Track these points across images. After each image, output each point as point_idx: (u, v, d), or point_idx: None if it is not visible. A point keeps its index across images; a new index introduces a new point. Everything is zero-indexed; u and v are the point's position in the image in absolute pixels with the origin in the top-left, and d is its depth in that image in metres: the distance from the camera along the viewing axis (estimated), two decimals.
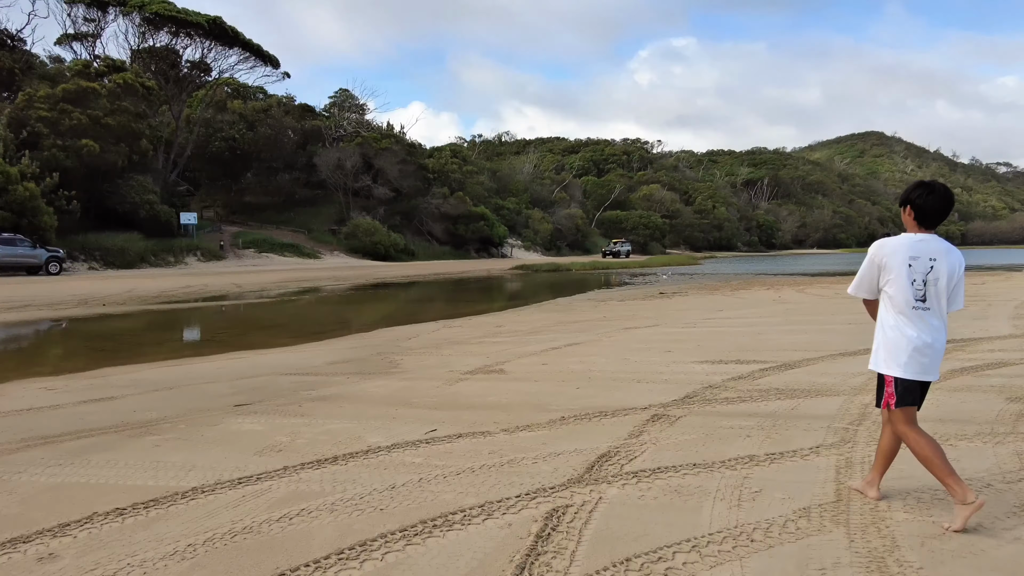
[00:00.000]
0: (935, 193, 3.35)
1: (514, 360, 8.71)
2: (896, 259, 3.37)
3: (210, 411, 6.37)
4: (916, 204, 3.37)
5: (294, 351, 11.11)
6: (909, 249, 3.36)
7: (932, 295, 3.34)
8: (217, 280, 30.31)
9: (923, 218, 3.36)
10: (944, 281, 3.32)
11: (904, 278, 3.34)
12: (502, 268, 47.69)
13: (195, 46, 52.52)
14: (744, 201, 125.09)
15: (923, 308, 3.33)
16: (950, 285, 3.35)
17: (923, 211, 3.35)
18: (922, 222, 3.37)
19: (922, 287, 3.33)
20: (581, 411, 5.91)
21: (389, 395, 6.88)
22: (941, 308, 3.35)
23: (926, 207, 3.34)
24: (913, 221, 3.40)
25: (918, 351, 3.33)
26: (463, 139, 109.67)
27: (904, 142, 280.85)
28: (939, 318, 3.36)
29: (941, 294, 3.33)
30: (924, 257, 3.33)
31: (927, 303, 3.33)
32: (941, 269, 3.31)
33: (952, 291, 3.37)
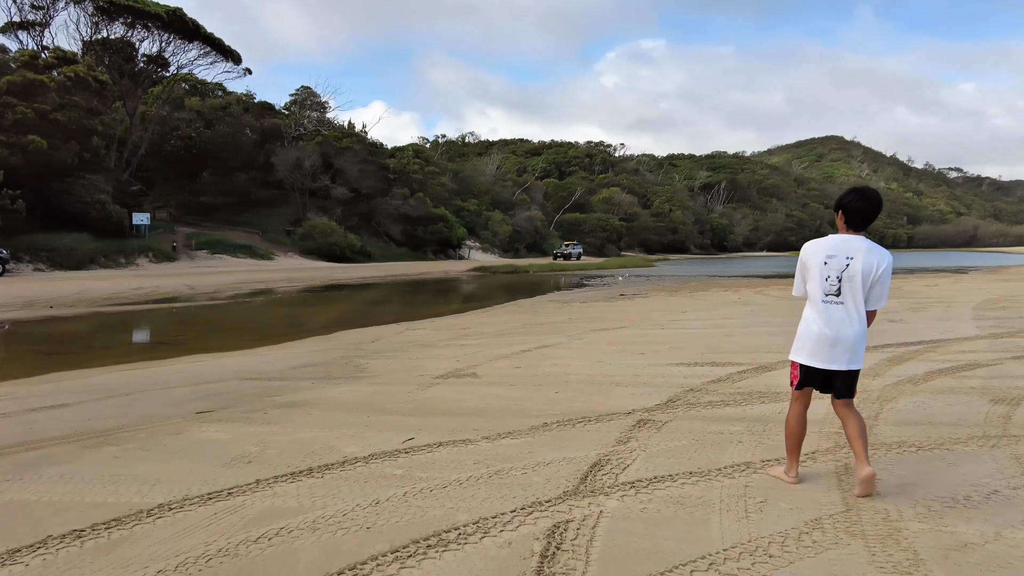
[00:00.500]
0: (864, 198, 3.63)
1: (486, 363, 8.47)
2: (815, 258, 3.69)
3: (171, 419, 5.99)
4: (847, 208, 3.64)
5: (254, 354, 10.69)
6: (828, 248, 3.66)
7: (847, 290, 3.59)
8: (169, 281, 29.36)
9: (852, 221, 3.64)
10: (859, 279, 3.56)
11: (819, 274, 3.64)
12: (460, 270, 47.36)
13: (152, 39, 50.77)
14: (700, 204, 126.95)
15: (836, 302, 3.60)
16: (866, 282, 3.57)
17: (852, 214, 3.63)
18: (851, 224, 3.65)
19: (836, 283, 3.60)
20: (563, 416, 5.71)
21: (360, 401, 6.57)
22: (857, 303, 3.59)
23: (854, 210, 3.62)
24: (844, 224, 3.68)
25: (819, 342, 3.65)
26: (426, 139, 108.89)
27: (862, 147, 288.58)
28: (854, 312, 3.60)
29: (857, 290, 3.57)
30: (841, 255, 3.60)
31: (840, 297, 3.60)
32: (857, 267, 3.56)
33: (871, 288, 3.60)
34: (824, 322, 3.64)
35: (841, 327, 3.62)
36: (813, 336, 3.68)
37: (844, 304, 3.60)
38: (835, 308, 3.62)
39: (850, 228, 3.67)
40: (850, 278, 3.58)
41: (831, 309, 3.62)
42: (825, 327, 3.63)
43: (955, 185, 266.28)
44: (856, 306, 3.59)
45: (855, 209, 3.63)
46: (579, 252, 67.69)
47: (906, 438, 5.00)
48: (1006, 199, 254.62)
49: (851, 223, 3.66)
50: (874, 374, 7.37)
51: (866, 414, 5.76)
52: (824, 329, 3.63)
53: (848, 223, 3.66)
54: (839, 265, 3.60)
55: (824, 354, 3.65)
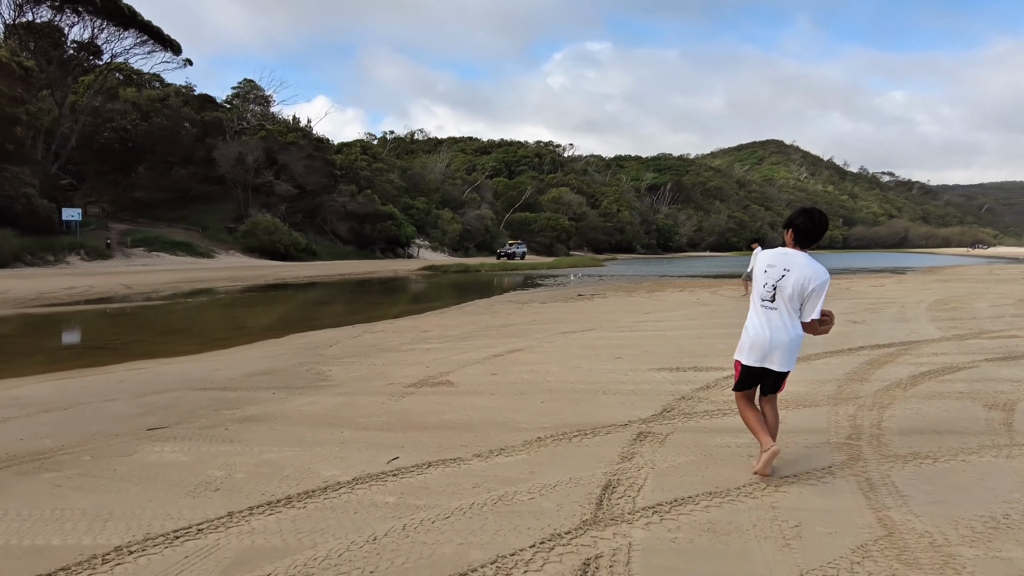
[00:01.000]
0: (812, 220, 4.02)
1: (458, 370, 8.02)
2: (758, 266, 4.12)
3: (118, 437, 5.36)
4: (798, 228, 4.02)
5: (201, 360, 9.98)
6: (769, 259, 4.06)
7: (780, 299, 3.95)
8: (104, 280, 27.77)
9: (800, 239, 4.03)
10: (790, 290, 3.92)
11: (759, 281, 4.05)
12: (409, 269, 46.51)
13: (84, 24, 47.97)
14: (647, 205, 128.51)
15: (771, 308, 3.97)
16: (798, 294, 3.91)
17: (801, 234, 4.02)
18: (799, 242, 4.04)
19: (772, 290, 3.96)
20: (555, 430, 5.32)
21: (328, 414, 6.05)
22: (790, 311, 3.94)
23: (804, 231, 4.01)
24: (792, 240, 4.06)
25: (755, 343, 4.02)
26: (373, 136, 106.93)
27: (801, 150, 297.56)
28: (787, 319, 3.95)
29: (788, 300, 3.93)
30: (779, 266, 3.97)
31: (775, 303, 3.96)
32: (790, 279, 3.92)
33: (805, 300, 3.93)
34: (761, 325, 4.01)
35: (775, 332, 3.97)
36: (750, 338, 4.04)
37: (778, 310, 3.96)
38: (771, 313, 3.98)
39: (797, 245, 4.04)
40: (783, 288, 3.93)
41: (768, 314, 3.99)
42: (762, 330, 4.00)
43: (887, 188, 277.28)
44: (789, 314, 3.94)
45: (805, 230, 4.01)
46: (523, 251, 66.60)
47: (917, 448, 4.78)
48: (934, 202, 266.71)
49: (799, 241, 4.03)
50: (860, 378, 7.22)
51: (867, 422, 5.56)
52: (761, 331, 4.00)
53: (797, 241, 4.03)
54: (776, 275, 3.96)
55: (758, 354, 4.02)
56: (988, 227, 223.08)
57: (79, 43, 48.49)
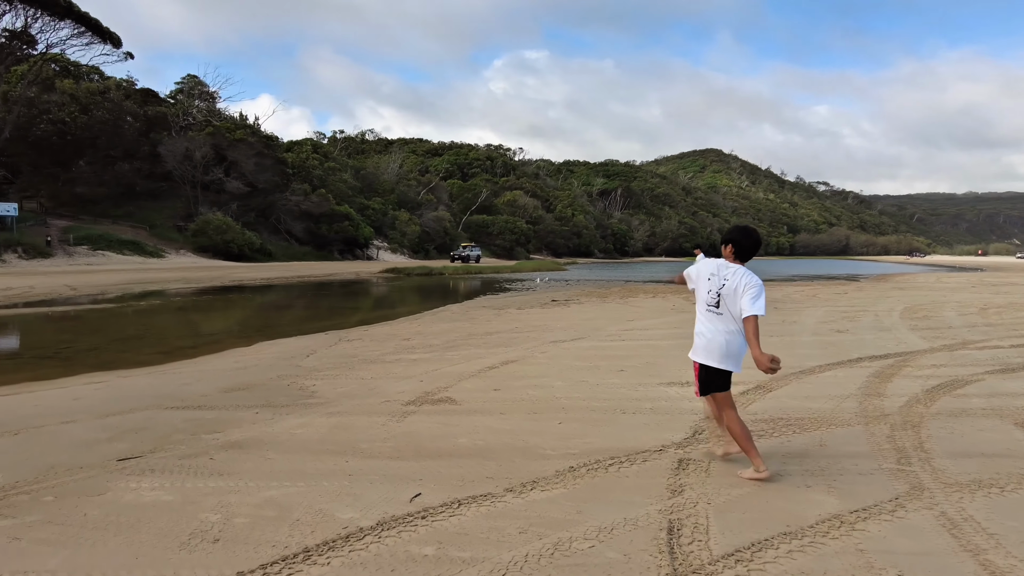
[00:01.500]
0: (750, 238, 4.43)
1: (456, 384, 7.46)
2: (701, 275, 4.45)
3: (84, 470, 4.66)
4: (737, 244, 4.39)
5: (166, 372, 9.17)
6: (711, 268, 4.41)
7: (723, 305, 4.30)
8: (45, 281, 26.15)
9: (739, 254, 4.40)
10: (732, 296, 4.27)
11: (704, 288, 4.41)
12: (371, 271, 45.45)
13: (16, 13, 45.73)
14: (600, 210, 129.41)
15: (716, 312, 4.34)
16: (736, 297, 4.25)
17: (742, 249, 4.39)
18: (738, 256, 4.40)
19: (716, 297, 4.32)
20: (586, 457, 4.84)
21: (325, 438, 5.44)
22: (735, 314, 4.27)
23: (744, 247, 4.39)
24: (731, 255, 4.40)
25: (697, 342, 4.43)
26: (323, 134, 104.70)
27: (740, 159, 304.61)
28: (732, 322, 4.30)
29: (731, 306, 4.27)
30: (719, 276, 4.34)
31: (719, 309, 4.32)
32: (731, 286, 4.27)
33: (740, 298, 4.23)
34: (714, 330, 4.35)
35: (715, 333, 4.34)
36: (706, 340, 4.38)
37: (723, 315, 4.31)
38: (718, 317, 4.33)
39: (737, 259, 4.39)
40: (727, 295, 4.28)
41: (714, 317, 4.35)
42: (704, 331, 4.39)
43: (824, 197, 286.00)
44: (735, 316, 4.27)
45: (745, 246, 4.39)
46: (477, 254, 65.08)
47: (976, 475, 4.47)
48: (868, 212, 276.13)
49: (739, 256, 4.39)
50: (876, 393, 6.93)
51: (908, 444, 5.23)
52: (703, 332, 4.40)
53: (736, 255, 4.39)
54: (718, 284, 4.33)
55: (700, 352, 4.40)
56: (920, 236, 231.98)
57: (11, 32, 46.16)
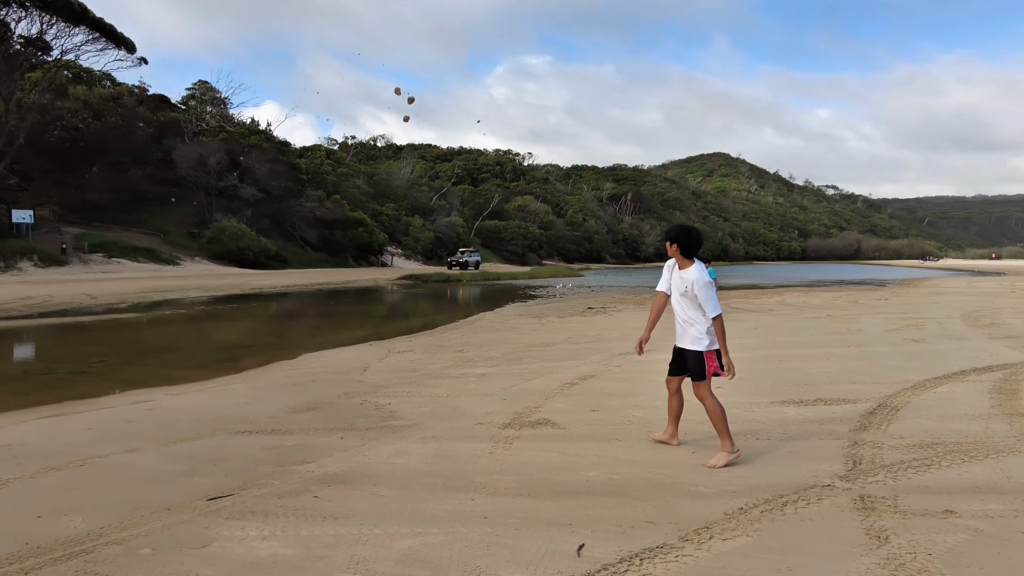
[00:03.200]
0: (691, 236, 4.83)
1: (546, 404, 6.80)
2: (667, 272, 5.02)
3: (173, 512, 4.01)
4: (681, 243, 4.80)
5: (216, 389, 8.52)
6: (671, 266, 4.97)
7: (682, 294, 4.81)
8: (64, 289, 25.57)
9: (687, 252, 4.81)
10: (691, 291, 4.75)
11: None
12: (388, 278, 44.83)
13: (31, 19, 45.35)
14: (610, 215, 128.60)
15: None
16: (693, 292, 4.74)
17: (687, 247, 4.81)
18: (685, 254, 4.81)
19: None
20: (748, 494, 4.18)
21: (433, 470, 4.78)
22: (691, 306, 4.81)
23: (689, 245, 4.81)
24: (679, 254, 4.82)
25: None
26: (334, 140, 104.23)
27: (748, 163, 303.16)
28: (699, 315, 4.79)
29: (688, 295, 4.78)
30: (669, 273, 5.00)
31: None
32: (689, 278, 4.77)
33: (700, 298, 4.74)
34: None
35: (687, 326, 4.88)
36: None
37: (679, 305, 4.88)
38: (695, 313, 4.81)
39: (684, 257, 4.82)
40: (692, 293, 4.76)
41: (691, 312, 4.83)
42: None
43: (833, 201, 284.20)
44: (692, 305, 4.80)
45: (690, 244, 4.83)
46: (477, 259, 61.86)
47: None
48: (878, 215, 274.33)
49: (686, 253, 4.82)
50: (1019, 412, 6.25)
51: None
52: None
53: (683, 253, 4.82)
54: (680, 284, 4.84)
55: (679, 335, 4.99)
56: (931, 240, 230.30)
57: (26, 38, 45.78)
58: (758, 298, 25.23)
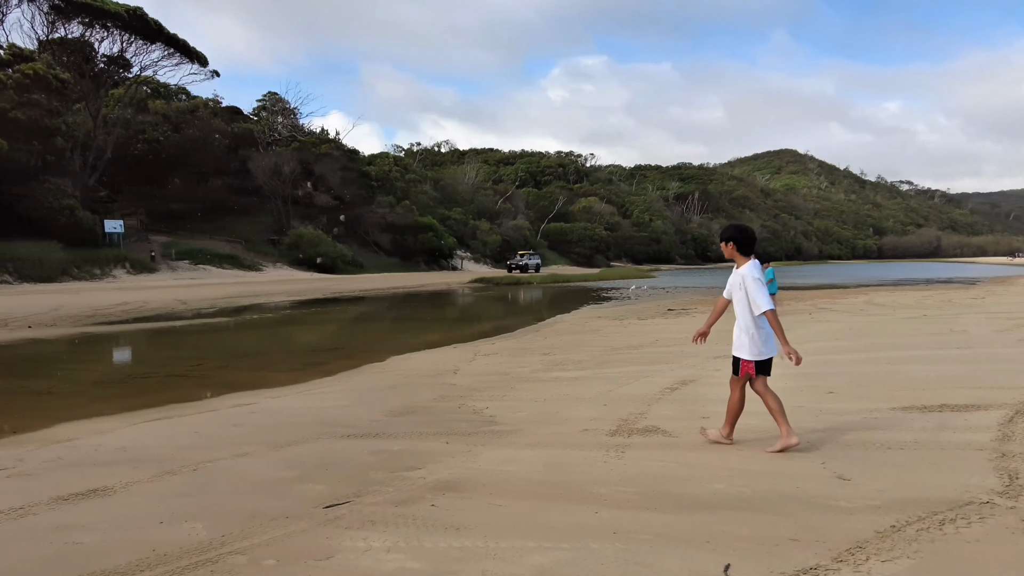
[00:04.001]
0: (746, 234, 4.91)
1: (650, 410, 6.54)
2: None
3: (291, 520, 3.95)
4: (737, 240, 4.86)
5: (312, 392, 8.60)
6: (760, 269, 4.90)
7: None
8: (156, 295, 26.71)
9: (743, 249, 4.86)
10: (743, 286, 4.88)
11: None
12: (460, 281, 45.21)
13: (112, 39, 47.81)
14: (677, 215, 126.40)
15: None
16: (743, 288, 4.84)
17: (743, 244, 4.86)
18: (743, 252, 4.85)
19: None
20: (894, 509, 3.84)
21: (547, 479, 4.61)
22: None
23: (745, 242, 4.86)
24: (736, 252, 4.86)
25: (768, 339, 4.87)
26: (400, 147, 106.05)
27: (817, 160, 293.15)
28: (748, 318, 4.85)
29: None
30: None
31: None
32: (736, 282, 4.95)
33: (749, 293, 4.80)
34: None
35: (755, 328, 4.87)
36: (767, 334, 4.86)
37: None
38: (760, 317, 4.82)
39: (742, 255, 4.81)
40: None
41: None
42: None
43: (908, 197, 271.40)
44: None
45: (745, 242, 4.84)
46: (536, 262, 60.66)
47: None
48: (959, 211, 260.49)
49: (744, 252, 4.81)
50: None
51: None
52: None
53: (741, 252, 4.82)
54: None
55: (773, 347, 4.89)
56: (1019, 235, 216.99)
57: (109, 57, 48.30)
58: (843, 298, 24.19)
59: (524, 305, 27.65)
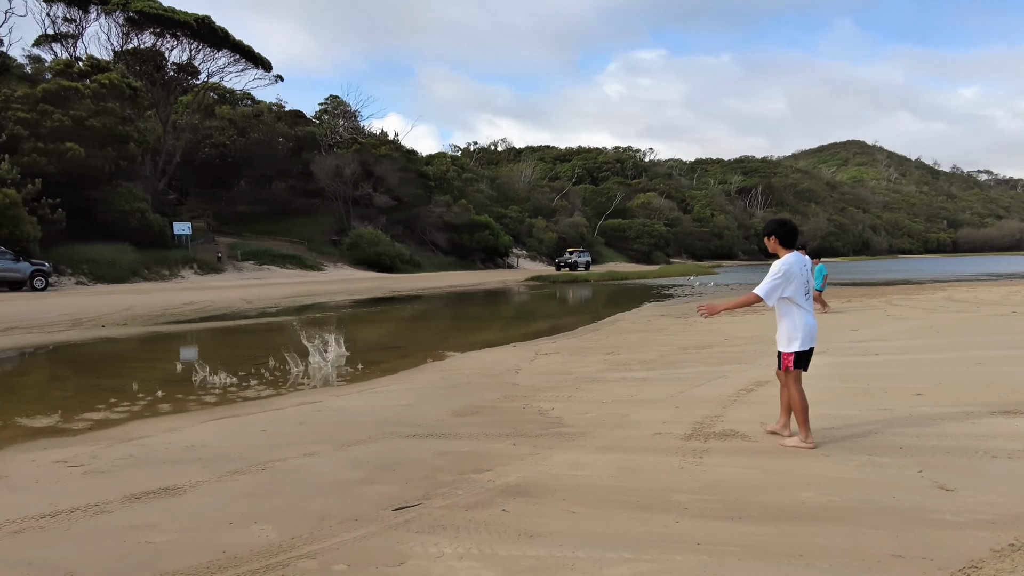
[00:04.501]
0: (787, 227, 5.12)
1: (725, 413, 6.25)
2: (798, 269, 4.95)
3: (360, 523, 3.86)
4: (779, 234, 5.07)
5: (376, 391, 8.58)
6: (803, 262, 5.02)
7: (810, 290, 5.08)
8: (222, 295, 27.47)
9: (786, 242, 5.05)
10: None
11: (802, 283, 4.98)
12: (516, 279, 45.17)
13: (181, 47, 49.51)
14: (740, 209, 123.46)
15: (807, 299, 5.03)
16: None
17: (785, 237, 5.06)
18: (785, 245, 5.05)
19: (806, 285, 5.01)
20: (1012, 527, 3.50)
21: (620, 485, 4.40)
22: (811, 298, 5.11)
23: (787, 235, 5.07)
24: (779, 245, 5.06)
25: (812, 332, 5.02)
26: (456, 146, 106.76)
27: (886, 151, 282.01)
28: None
29: (811, 288, 5.11)
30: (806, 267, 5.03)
31: (808, 295, 5.04)
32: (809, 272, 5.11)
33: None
34: (813, 317, 5.05)
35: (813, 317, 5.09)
36: (809, 328, 4.98)
37: (810, 299, 5.07)
38: (808, 303, 5.04)
39: (786, 248, 5.04)
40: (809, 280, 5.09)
41: (809, 305, 5.04)
42: (813, 320, 5.05)
43: (987, 188, 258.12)
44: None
45: (787, 235, 5.07)
46: (587, 260, 58.68)
47: None
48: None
49: (787, 245, 5.04)
50: None
51: None
52: (813, 321, 5.05)
53: (784, 245, 5.04)
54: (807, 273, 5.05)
55: (813, 340, 5.03)
56: None
57: (178, 65, 50.02)
58: (918, 294, 23.09)
59: (581, 303, 27.34)
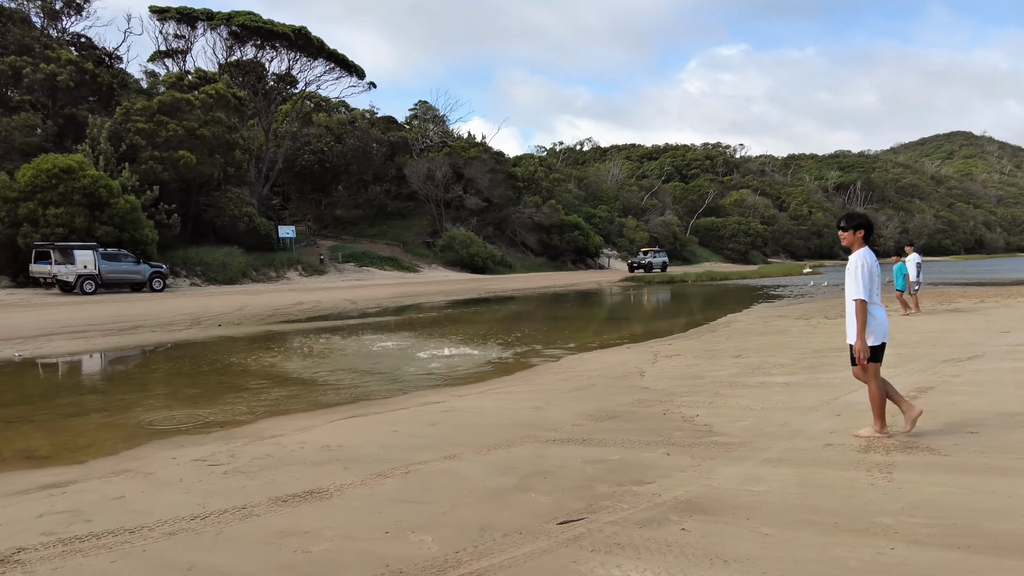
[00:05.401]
0: (871, 220, 5.28)
1: (897, 423, 5.62)
2: (877, 266, 5.07)
3: (525, 537, 3.57)
4: (868, 229, 5.15)
5: (499, 392, 8.34)
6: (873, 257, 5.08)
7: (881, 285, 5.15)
8: (327, 296, 28.23)
9: (869, 237, 5.15)
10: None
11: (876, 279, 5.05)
12: (610, 280, 44.50)
13: (280, 58, 51.64)
14: (838, 206, 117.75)
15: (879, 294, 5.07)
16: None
17: (869, 234, 5.16)
18: (867, 240, 5.13)
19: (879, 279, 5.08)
20: None
21: (810, 504, 3.94)
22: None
23: (871, 231, 5.20)
24: (862, 240, 5.09)
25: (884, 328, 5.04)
26: (542, 147, 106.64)
27: (996, 141, 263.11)
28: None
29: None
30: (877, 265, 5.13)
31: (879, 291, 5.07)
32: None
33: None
34: (882, 309, 5.05)
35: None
36: (882, 324, 4.99)
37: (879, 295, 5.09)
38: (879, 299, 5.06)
39: (866, 243, 5.10)
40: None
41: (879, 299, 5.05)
42: (884, 313, 5.05)
43: None
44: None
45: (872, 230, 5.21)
46: (663, 260, 55.41)
47: None
48: None
49: (868, 240, 5.13)
50: None
51: None
52: (884, 315, 5.06)
53: (867, 240, 5.12)
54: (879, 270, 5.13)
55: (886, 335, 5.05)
56: None
57: (278, 75, 52.07)
58: None
59: (683, 304, 26.51)
